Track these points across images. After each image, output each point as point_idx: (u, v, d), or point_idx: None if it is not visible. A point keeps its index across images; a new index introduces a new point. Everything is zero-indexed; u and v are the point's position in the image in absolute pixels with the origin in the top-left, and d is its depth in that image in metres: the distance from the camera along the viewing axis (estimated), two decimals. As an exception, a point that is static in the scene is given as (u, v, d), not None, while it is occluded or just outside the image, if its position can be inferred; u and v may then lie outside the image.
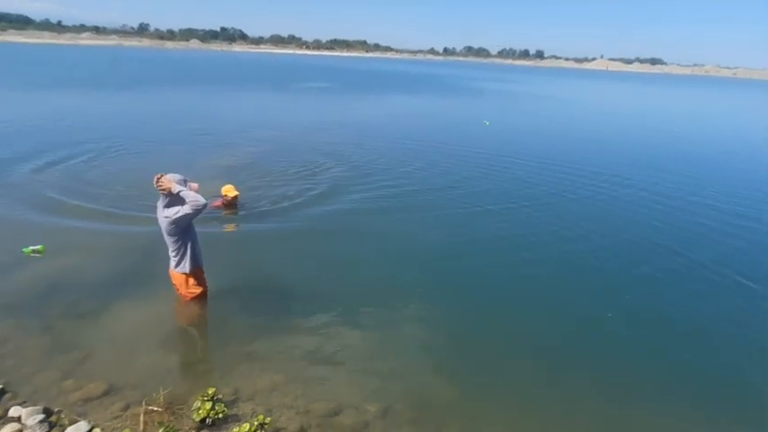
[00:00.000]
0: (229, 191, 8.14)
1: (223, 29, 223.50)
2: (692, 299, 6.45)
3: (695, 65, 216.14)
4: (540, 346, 5.27)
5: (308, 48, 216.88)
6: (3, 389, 4.02)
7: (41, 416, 3.72)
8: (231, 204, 8.19)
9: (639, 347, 5.32)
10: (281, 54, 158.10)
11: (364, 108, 27.50)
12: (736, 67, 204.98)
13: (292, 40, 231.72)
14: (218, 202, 8.06)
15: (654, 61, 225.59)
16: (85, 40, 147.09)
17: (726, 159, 16.83)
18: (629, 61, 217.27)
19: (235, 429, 3.66)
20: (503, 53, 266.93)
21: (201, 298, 5.33)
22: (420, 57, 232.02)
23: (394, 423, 4.00)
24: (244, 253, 6.89)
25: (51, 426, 3.68)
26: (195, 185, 5.02)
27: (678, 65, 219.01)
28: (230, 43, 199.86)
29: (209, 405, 3.81)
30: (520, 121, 24.96)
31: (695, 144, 20.07)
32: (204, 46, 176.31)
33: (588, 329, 5.63)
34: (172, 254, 5.06)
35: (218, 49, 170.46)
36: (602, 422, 4.22)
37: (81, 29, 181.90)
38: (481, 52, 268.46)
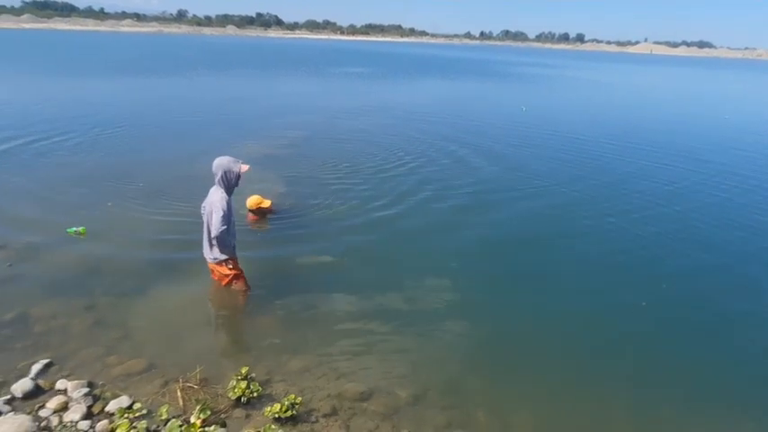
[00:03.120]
0: (253, 203, 7.48)
1: (259, 14, 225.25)
2: (739, 291, 6.23)
3: (746, 48, 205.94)
4: (574, 338, 5.17)
5: (342, 33, 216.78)
6: (50, 362, 4.21)
7: (86, 389, 3.88)
8: (260, 215, 7.58)
9: (676, 341, 5.18)
10: (317, 39, 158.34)
11: (404, 93, 27.43)
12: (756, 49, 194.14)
13: (327, 26, 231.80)
14: (252, 217, 7.56)
15: (702, 44, 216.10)
16: (126, 27, 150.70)
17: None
18: (674, 45, 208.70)
19: (268, 408, 3.75)
20: (541, 37, 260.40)
21: (238, 283, 5.37)
22: (456, 41, 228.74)
23: (424, 409, 4.01)
24: (282, 245, 6.95)
25: (95, 399, 3.84)
26: (246, 167, 5.05)
27: (728, 48, 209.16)
28: (266, 29, 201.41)
29: (244, 384, 3.90)
30: (559, 106, 24.34)
31: (748, 131, 19.18)
32: (240, 32, 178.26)
33: (625, 321, 5.51)
34: (209, 240, 5.10)
35: (254, 34, 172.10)
36: (630, 415, 4.14)
37: (122, 16, 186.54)
38: (519, 36, 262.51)
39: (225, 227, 4.86)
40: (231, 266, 5.25)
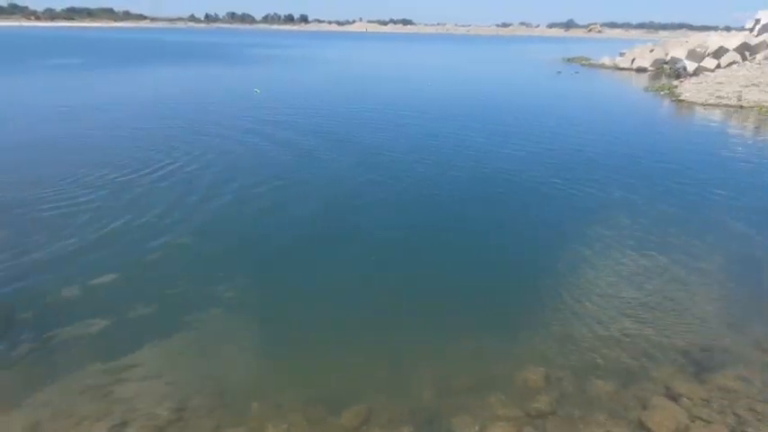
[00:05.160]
0: None
1: None
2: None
3: (439, 24, 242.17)
4: (333, 309, 5.63)
5: (38, 18, 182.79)
6: None
7: None
8: None
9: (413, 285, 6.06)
10: (4, 27, 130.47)
11: (128, 84, 24.51)
12: (469, 25, 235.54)
13: (16, 10, 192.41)
14: None
15: (405, 22, 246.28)
16: None
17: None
18: (384, 23, 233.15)
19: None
20: (268, 18, 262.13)
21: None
22: (180, 24, 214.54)
23: (190, 419, 3.90)
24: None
25: None
26: None
27: (426, 24, 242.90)
28: None
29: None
30: (292, 85, 24.98)
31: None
32: None
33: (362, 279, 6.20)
34: None
35: None
36: (391, 361, 4.74)
37: None
38: (246, 18, 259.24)
39: None
40: None
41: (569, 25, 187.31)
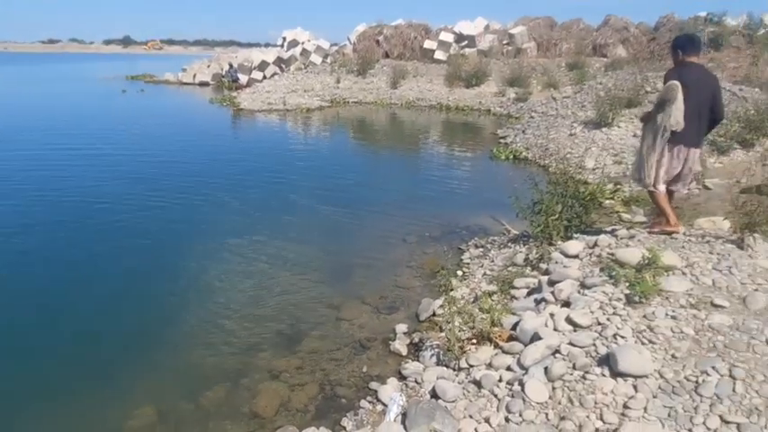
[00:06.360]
0: None
1: None
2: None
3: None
4: None
5: None
6: None
7: None
8: None
9: None
10: None
11: None
12: (6, 42, 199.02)
13: None
14: None
15: None
16: None
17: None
18: None
19: None
20: None
21: None
22: None
23: None
24: None
25: None
26: None
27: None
28: None
29: None
30: None
31: None
32: None
33: None
34: None
35: None
36: None
37: None
38: None
39: None
40: None
41: (127, 42, 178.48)
